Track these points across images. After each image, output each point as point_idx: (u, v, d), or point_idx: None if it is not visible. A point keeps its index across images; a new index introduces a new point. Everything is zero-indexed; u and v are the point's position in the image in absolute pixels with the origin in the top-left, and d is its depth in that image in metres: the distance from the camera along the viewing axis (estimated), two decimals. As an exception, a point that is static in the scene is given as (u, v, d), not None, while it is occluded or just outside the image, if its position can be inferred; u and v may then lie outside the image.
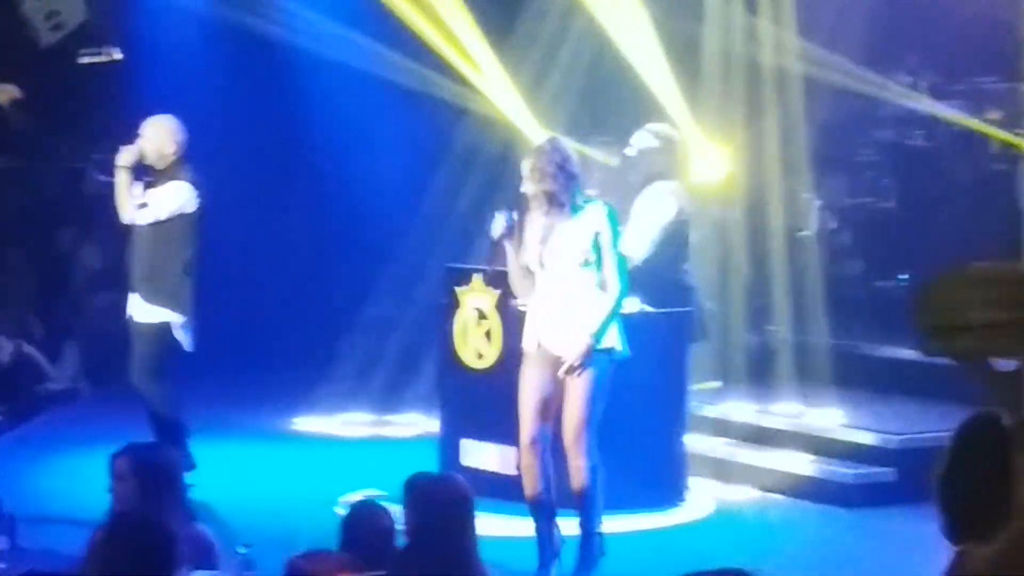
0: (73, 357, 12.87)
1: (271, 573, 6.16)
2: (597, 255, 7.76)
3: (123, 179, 9.48)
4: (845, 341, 11.44)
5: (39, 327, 13.13)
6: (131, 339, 9.59)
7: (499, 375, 9.12)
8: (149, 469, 6.12)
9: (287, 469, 10.41)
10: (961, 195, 11.90)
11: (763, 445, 10.02)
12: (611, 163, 9.52)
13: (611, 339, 7.79)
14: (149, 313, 9.49)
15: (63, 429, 11.28)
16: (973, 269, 3.41)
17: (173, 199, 9.43)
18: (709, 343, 9.88)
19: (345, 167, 13.24)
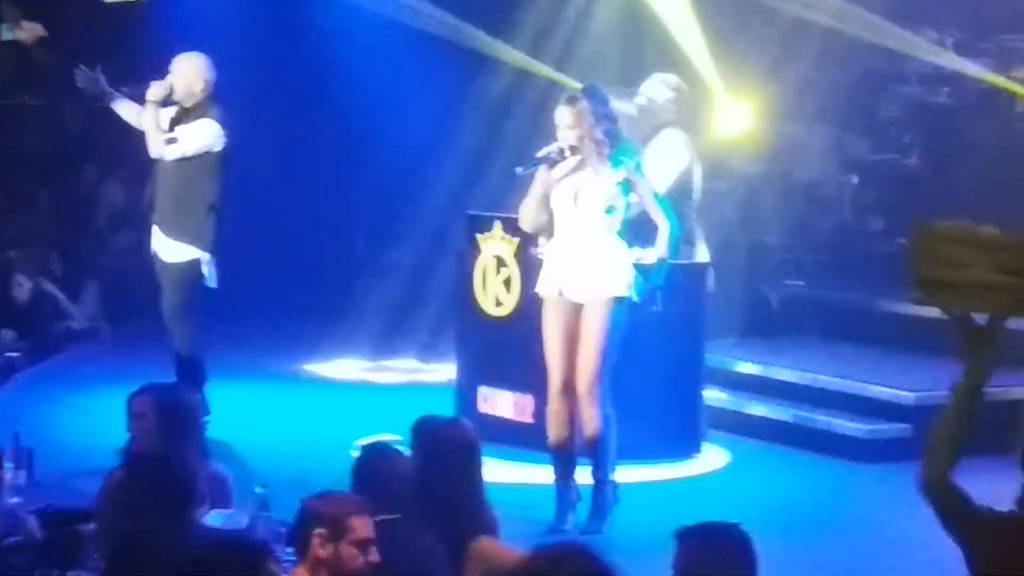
0: (93, 296, 12.91)
1: (286, 513, 6.20)
2: (624, 203, 7.78)
3: (152, 113, 9.50)
4: (866, 296, 11.42)
5: (60, 265, 13.16)
6: (157, 275, 9.64)
7: (517, 323, 9.13)
8: (168, 408, 6.16)
9: (303, 412, 10.44)
10: (985, 153, 11.85)
11: (778, 399, 10.02)
12: (631, 112, 9.48)
13: (625, 287, 7.81)
14: (177, 251, 9.54)
15: (82, 367, 11.33)
16: (979, 233, 3.38)
17: (202, 135, 9.46)
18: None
19: (369, 111, 13.21)
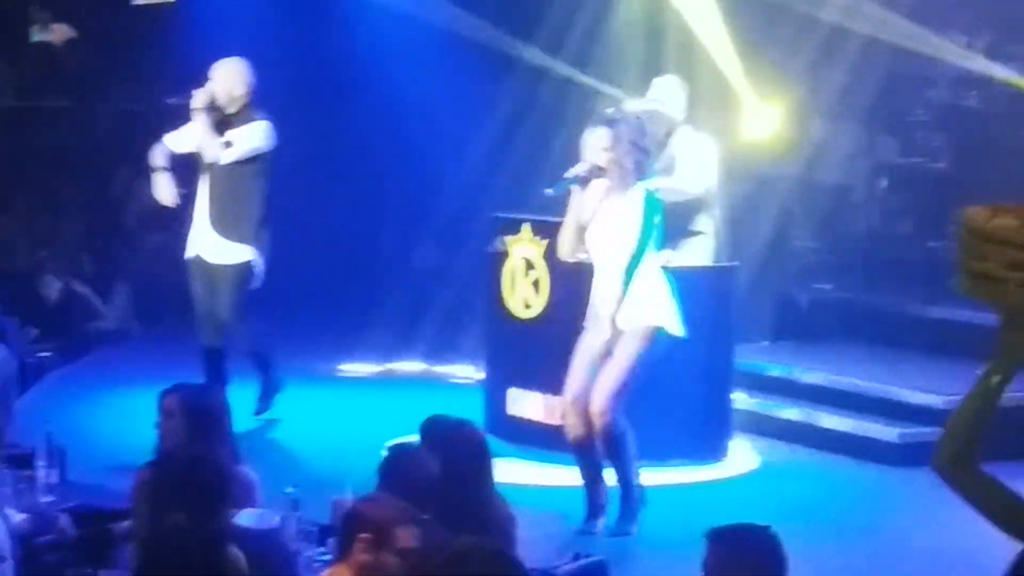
0: (124, 297, 12.96)
1: (317, 513, 6.23)
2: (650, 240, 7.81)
3: (202, 120, 9.59)
4: (895, 300, 11.40)
5: (91, 266, 13.22)
6: (192, 278, 9.69)
7: (546, 325, 9.15)
8: (197, 408, 6.18)
9: (334, 412, 10.47)
10: (1014, 157, 11.82)
11: (808, 402, 10.01)
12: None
13: (667, 319, 7.82)
14: (231, 252, 9.63)
15: (113, 367, 11.38)
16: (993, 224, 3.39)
17: (256, 137, 9.60)
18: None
19: (397, 114, 13.23)
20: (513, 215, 9.67)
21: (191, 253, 9.72)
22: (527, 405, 9.38)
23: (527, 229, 9.34)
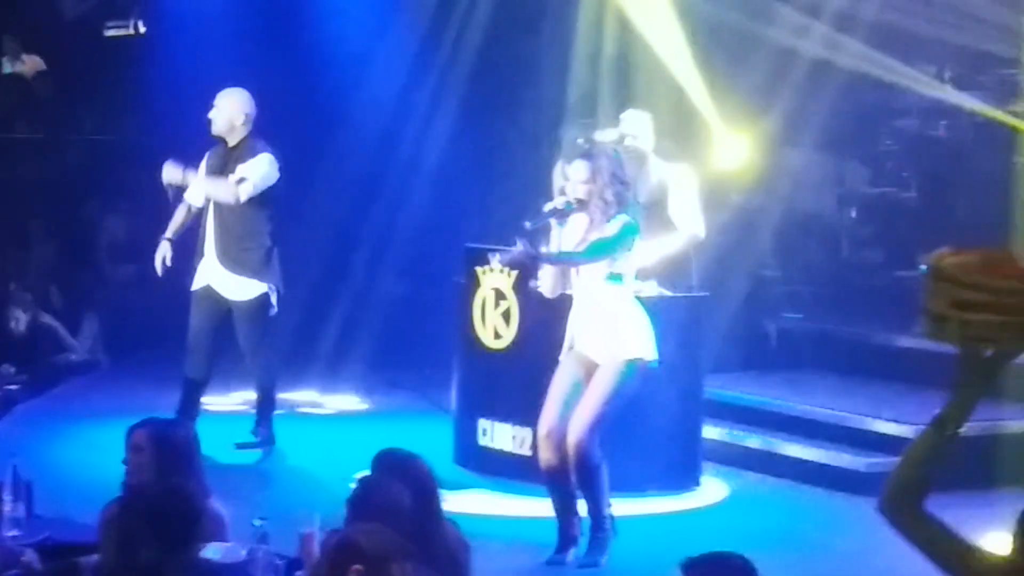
0: (92, 328, 12.91)
1: (285, 546, 6.19)
2: (627, 263, 7.80)
3: (201, 176, 9.61)
4: (864, 329, 11.42)
5: (59, 298, 13.17)
6: (201, 309, 9.68)
7: (516, 356, 9.15)
8: (167, 442, 6.14)
9: (303, 444, 10.42)
10: (983, 186, 11.87)
11: (778, 432, 10.01)
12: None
13: (644, 349, 7.82)
14: (245, 288, 9.62)
15: (81, 399, 11.32)
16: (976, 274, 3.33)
17: (267, 170, 9.60)
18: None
19: (368, 145, 13.22)
20: (484, 246, 9.66)
21: (200, 284, 9.69)
22: (497, 435, 9.37)
23: (498, 260, 9.32)
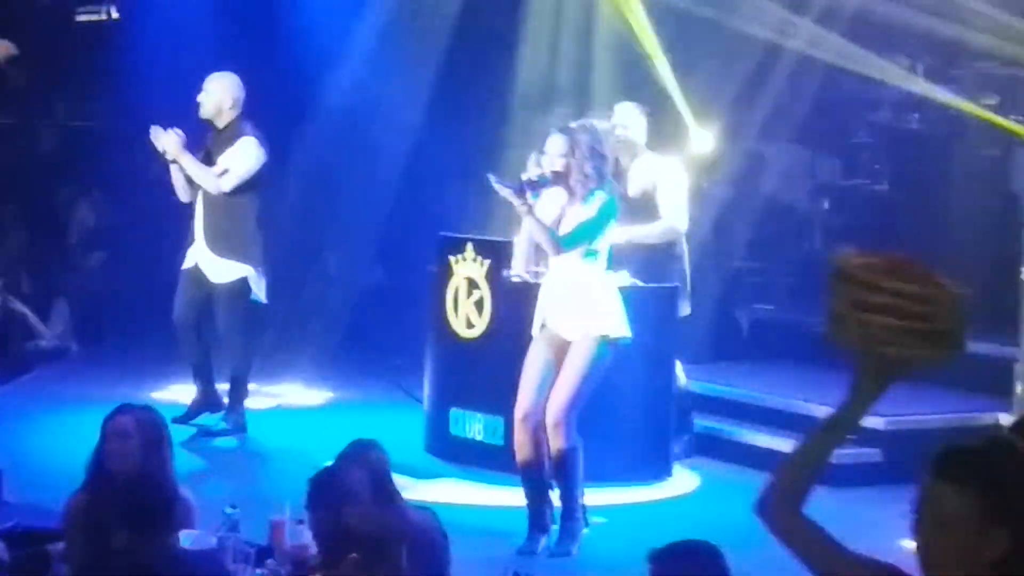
0: (63, 315, 12.86)
1: (255, 534, 6.19)
2: (604, 241, 7.78)
3: (190, 161, 9.61)
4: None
5: (30, 284, 13.11)
6: (186, 289, 9.80)
7: (488, 345, 9.14)
8: (152, 428, 6.13)
9: (272, 432, 10.39)
10: (956, 179, 11.89)
11: (750, 422, 10.02)
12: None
13: (616, 326, 7.80)
14: (225, 270, 9.70)
15: (51, 386, 11.27)
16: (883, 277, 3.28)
17: (249, 158, 9.66)
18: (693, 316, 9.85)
19: (344, 132, 13.19)
20: (458, 234, 9.66)
21: (189, 263, 9.82)
22: (469, 425, 9.36)
23: (470, 248, 9.33)
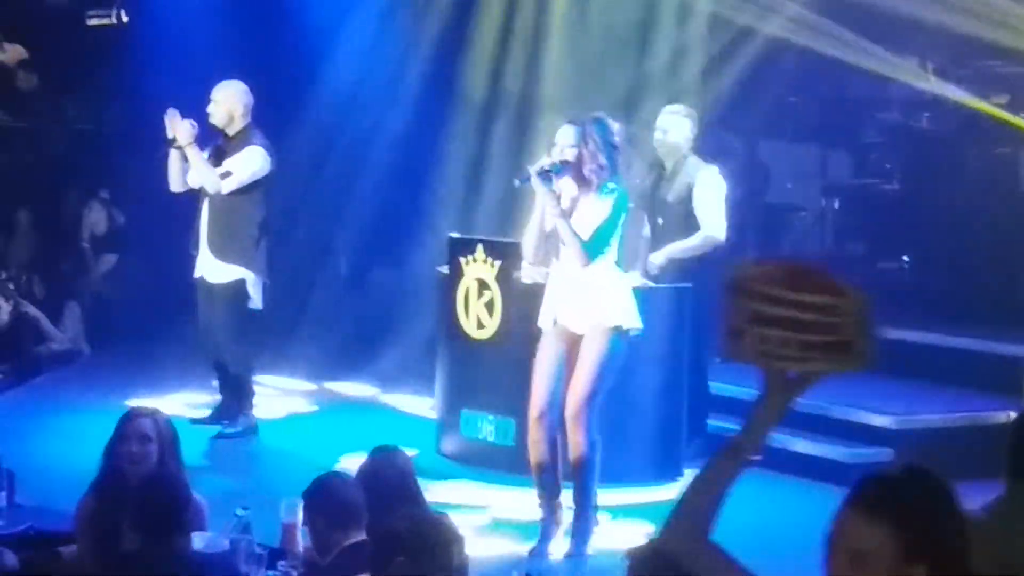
0: (74, 318, 12.88)
1: (268, 536, 6.19)
2: (617, 232, 7.76)
3: (196, 154, 9.65)
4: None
5: (41, 287, 13.14)
6: (200, 298, 9.88)
7: (499, 346, 9.13)
8: (170, 431, 6.17)
9: (284, 433, 10.40)
10: (966, 178, 11.88)
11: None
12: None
13: (627, 317, 7.79)
14: (223, 272, 9.79)
15: (63, 389, 11.29)
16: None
17: (253, 163, 9.70)
18: None
19: (354, 135, 13.21)
20: (468, 235, 9.67)
21: (197, 274, 9.92)
22: (480, 426, 9.36)
23: (481, 250, 9.33)
